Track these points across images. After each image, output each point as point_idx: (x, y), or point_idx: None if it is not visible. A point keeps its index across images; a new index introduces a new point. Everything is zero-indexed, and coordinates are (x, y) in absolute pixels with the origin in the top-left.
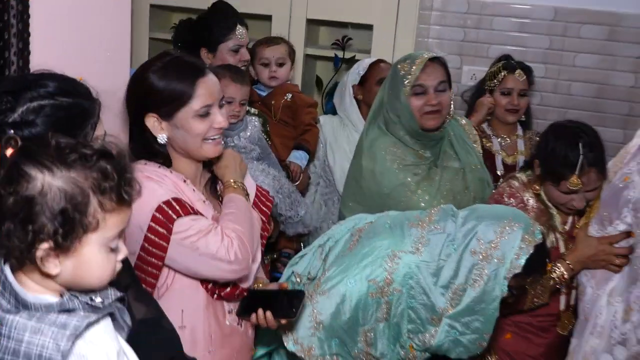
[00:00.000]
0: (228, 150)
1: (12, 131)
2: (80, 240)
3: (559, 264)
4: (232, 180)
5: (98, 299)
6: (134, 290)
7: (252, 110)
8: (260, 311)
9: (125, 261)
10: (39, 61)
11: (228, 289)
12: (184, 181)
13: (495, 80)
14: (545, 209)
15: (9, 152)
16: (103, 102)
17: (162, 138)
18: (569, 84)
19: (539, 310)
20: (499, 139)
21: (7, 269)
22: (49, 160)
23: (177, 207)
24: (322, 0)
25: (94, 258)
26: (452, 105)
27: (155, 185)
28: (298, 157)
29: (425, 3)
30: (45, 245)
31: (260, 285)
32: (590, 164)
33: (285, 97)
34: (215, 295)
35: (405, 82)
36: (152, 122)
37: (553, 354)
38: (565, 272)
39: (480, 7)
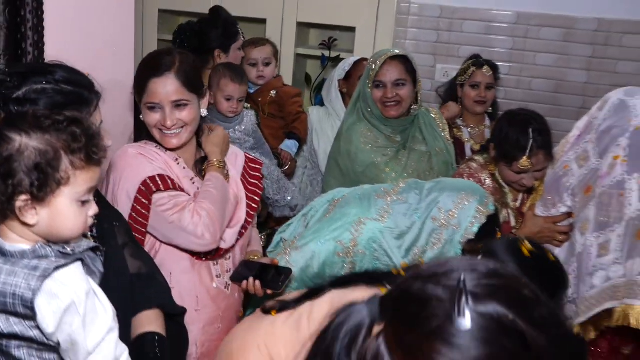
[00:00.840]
0: (220, 129)
1: (16, 108)
2: (54, 193)
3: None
4: (216, 160)
5: (69, 248)
6: (130, 248)
7: (247, 105)
8: (251, 279)
9: (124, 223)
10: (52, 53)
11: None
12: (176, 160)
13: (465, 75)
14: (499, 187)
15: None
16: (110, 91)
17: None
18: (530, 80)
19: None
20: (469, 129)
21: None
22: (26, 125)
23: (160, 182)
24: (311, 5)
25: (67, 210)
26: (419, 97)
27: (145, 161)
28: (289, 146)
29: (402, 8)
30: (23, 197)
31: (255, 258)
32: (539, 147)
33: (271, 94)
34: (197, 257)
35: (370, 77)
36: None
37: None
38: None
39: (452, 12)
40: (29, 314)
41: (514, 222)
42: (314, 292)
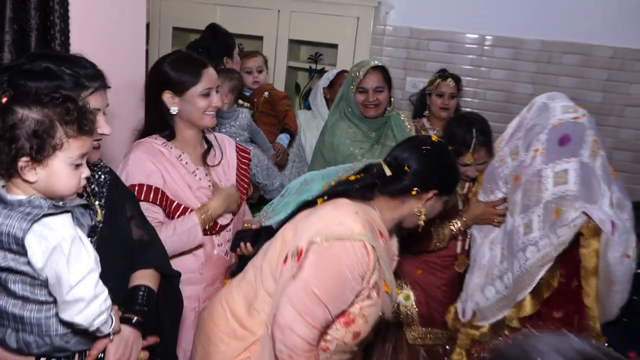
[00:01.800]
0: (231, 187)
1: (22, 81)
2: (50, 156)
3: (457, 220)
4: (209, 209)
5: (61, 203)
6: (136, 220)
7: (243, 103)
8: (242, 243)
9: (134, 201)
10: (76, 52)
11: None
12: (179, 157)
13: (432, 86)
14: None
15: (4, 100)
16: (124, 86)
17: (174, 110)
18: (485, 92)
19: (442, 252)
20: (434, 131)
21: None
22: (28, 100)
23: (143, 192)
24: (301, 25)
25: (61, 171)
26: (392, 101)
27: (145, 165)
28: (282, 139)
29: (378, 30)
30: (24, 159)
31: (246, 226)
32: (481, 144)
33: (264, 95)
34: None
35: (354, 83)
36: (167, 97)
37: (453, 285)
38: (461, 226)
39: (420, 33)
40: (20, 250)
41: (461, 205)
42: (268, 234)
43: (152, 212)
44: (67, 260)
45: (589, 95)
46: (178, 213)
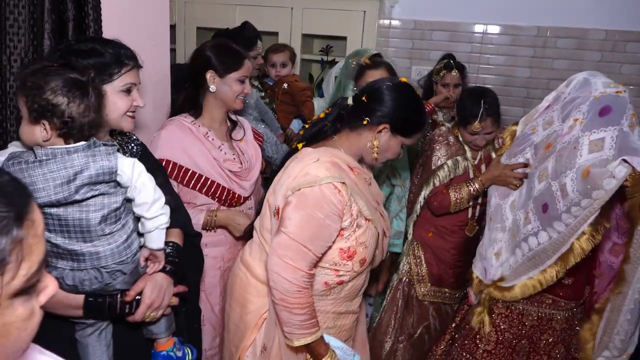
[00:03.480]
0: (243, 217)
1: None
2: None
3: (474, 181)
4: (216, 214)
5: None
6: (164, 187)
7: (256, 83)
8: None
9: (163, 170)
10: None
11: (230, 196)
12: (206, 134)
13: (438, 76)
14: (461, 146)
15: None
16: (150, 78)
17: (212, 88)
18: (485, 77)
19: (453, 217)
20: (442, 112)
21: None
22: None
23: (165, 166)
24: (312, 20)
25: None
26: None
27: (174, 144)
28: (294, 124)
29: (384, 22)
30: None
31: None
32: (488, 114)
33: (284, 86)
34: (224, 204)
35: (352, 69)
36: (209, 75)
37: (462, 249)
38: (478, 186)
39: (423, 25)
40: (113, 177)
41: (472, 174)
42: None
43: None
44: (145, 171)
45: None
46: (199, 185)
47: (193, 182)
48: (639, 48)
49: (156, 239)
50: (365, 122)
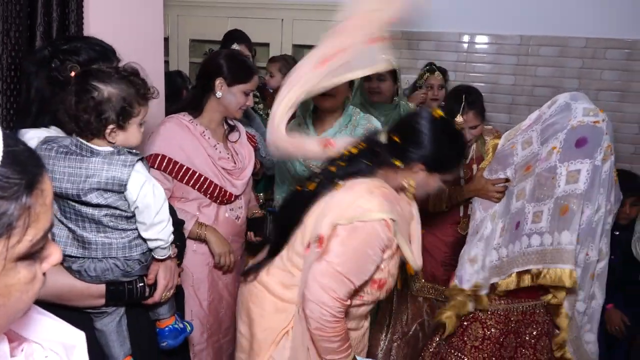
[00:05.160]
0: (227, 246)
1: (62, 57)
2: (129, 122)
3: (458, 188)
4: (205, 229)
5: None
6: None
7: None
8: (248, 233)
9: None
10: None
11: (222, 194)
12: (202, 133)
13: (422, 80)
14: None
15: (73, 74)
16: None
17: (219, 94)
18: (471, 84)
19: (445, 215)
20: None
21: (80, 139)
22: (106, 78)
23: (157, 161)
24: (302, 31)
25: (135, 131)
26: (398, 90)
27: (171, 142)
28: None
29: None
30: (111, 126)
31: (255, 212)
32: (470, 108)
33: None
34: (215, 201)
35: None
36: (218, 82)
37: (453, 248)
38: (458, 194)
39: (410, 35)
40: (122, 189)
41: (462, 173)
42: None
43: (162, 182)
44: (152, 193)
45: (566, 83)
46: (192, 182)
47: (187, 178)
48: (618, 55)
49: (157, 253)
50: (397, 163)
